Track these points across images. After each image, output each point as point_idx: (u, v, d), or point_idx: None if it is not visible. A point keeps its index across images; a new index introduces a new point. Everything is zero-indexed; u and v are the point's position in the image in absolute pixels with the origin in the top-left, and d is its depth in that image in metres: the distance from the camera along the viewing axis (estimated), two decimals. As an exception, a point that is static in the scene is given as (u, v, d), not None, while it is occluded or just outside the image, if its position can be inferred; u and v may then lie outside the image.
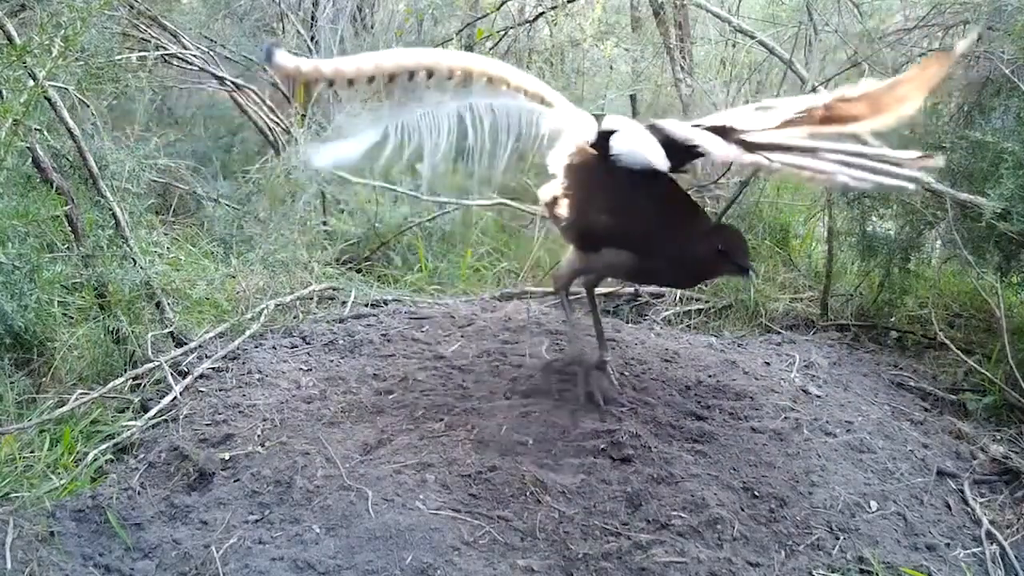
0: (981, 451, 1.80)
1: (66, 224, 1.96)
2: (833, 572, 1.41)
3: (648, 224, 1.69)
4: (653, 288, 2.64)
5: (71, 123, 1.97)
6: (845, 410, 1.88)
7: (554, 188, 1.82)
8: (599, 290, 2.66)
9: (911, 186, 1.43)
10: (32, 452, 1.68)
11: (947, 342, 2.09)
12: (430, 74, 1.59)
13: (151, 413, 1.82)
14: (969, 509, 1.62)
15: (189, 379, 1.95)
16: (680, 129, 1.51)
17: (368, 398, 1.85)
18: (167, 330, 2.12)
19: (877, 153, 1.37)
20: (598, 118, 1.79)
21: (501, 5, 3.50)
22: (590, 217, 1.75)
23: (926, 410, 1.99)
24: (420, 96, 1.60)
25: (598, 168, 1.74)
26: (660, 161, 1.53)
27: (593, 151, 1.72)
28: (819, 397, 1.93)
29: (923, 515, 1.58)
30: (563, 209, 1.80)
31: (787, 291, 2.59)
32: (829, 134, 1.40)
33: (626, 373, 1.94)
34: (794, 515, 1.52)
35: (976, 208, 1.90)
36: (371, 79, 1.57)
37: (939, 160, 1.45)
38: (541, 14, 3.45)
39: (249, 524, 1.48)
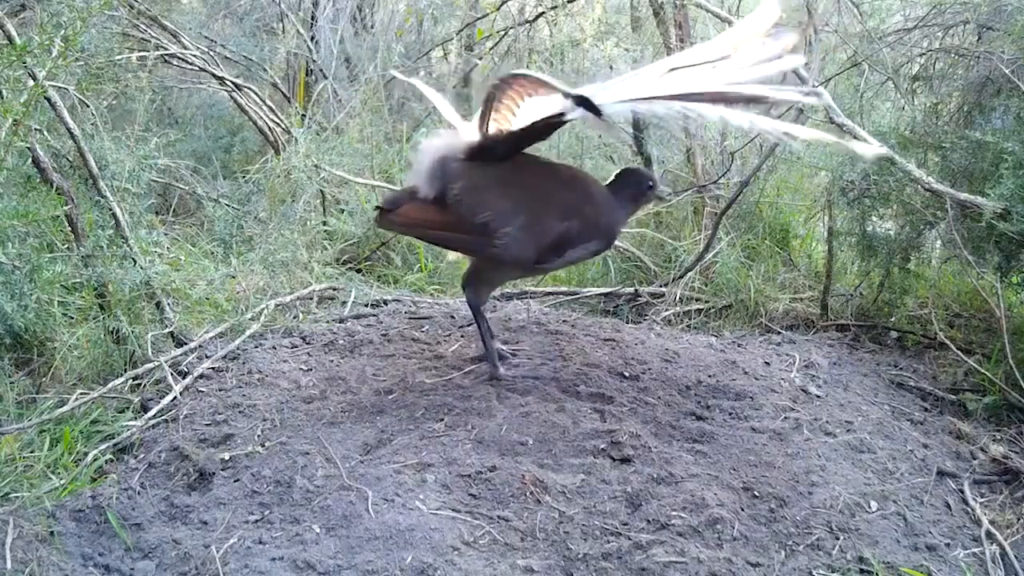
0: (981, 451, 1.79)
1: (66, 224, 1.96)
2: (833, 572, 1.41)
3: (596, 199, 1.74)
4: (653, 288, 2.64)
5: (71, 123, 1.97)
6: (845, 410, 1.88)
7: (463, 211, 1.68)
8: (598, 289, 2.68)
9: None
10: (32, 452, 1.68)
11: (947, 342, 2.09)
12: None
13: (151, 413, 1.82)
14: (969, 509, 1.62)
15: (189, 379, 1.95)
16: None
17: (368, 398, 1.85)
18: (167, 330, 2.12)
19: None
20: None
21: (501, 5, 3.50)
22: (562, 227, 1.71)
23: (926, 410, 1.99)
24: None
25: (535, 166, 1.79)
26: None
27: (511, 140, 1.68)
28: (819, 397, 1.93)
29: (923, 515, 1.58)
30: (510, 236, 1.69)
31: (787, 291, 2.59)
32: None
33: (626, 373, 1.95)
34: (794, 515, 1.52)
35: (976, 208, 1.90)
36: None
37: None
38: (541, 14, 3.44)
39: (249, 524, 1.48)
